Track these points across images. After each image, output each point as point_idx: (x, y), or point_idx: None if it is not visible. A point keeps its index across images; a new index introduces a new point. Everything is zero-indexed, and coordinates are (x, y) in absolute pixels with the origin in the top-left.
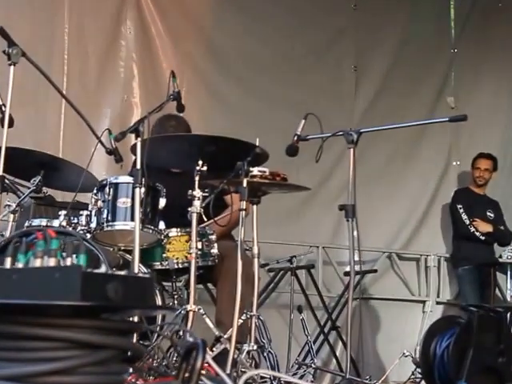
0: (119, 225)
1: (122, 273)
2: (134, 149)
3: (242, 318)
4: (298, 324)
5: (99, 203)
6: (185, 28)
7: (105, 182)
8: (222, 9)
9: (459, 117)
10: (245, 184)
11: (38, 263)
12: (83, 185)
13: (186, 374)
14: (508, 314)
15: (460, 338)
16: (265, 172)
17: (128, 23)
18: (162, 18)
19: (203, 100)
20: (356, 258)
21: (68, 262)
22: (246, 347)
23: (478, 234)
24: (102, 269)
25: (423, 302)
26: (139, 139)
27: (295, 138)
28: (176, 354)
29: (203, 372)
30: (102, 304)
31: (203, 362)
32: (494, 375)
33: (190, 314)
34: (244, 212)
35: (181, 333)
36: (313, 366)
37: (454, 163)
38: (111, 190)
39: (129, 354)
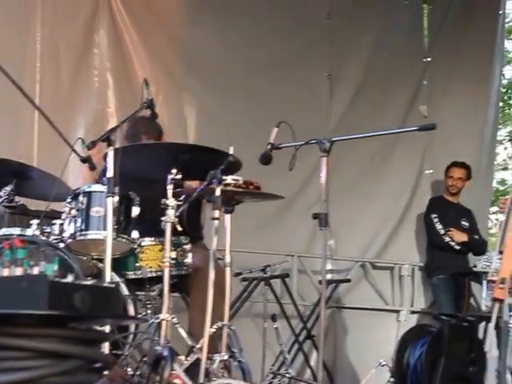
0: (92, 234)
1: (89, 282)
2: (106, 157)
3: (214, 327)
4: (273, 333)
5: (73, 212)
6: (159, 36)
7: (78, 191)
8: (196, 19)
9: (428, 126)
10: (218, 193)
11: (5, 272)
12: (57, 194)
13: None
14: (482, 323)
15: (432, 347)
16: (238, 180)
17: (101, 32)
18: (136, 27)
19: (179, 108)
20: (330, 267)
21: (35, 271)
22: (217, 357)
23: (453, 243)
24: (69, 278)
25: (397, 312)
26: (111, 148)
27: (268, 147)
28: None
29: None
30: (69, 313)
31: (171, 372)
32: None
33: (163, 323)
34: (217, 221)
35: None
36: (287, 375)
37: (427, 172)
38: (85, 198)
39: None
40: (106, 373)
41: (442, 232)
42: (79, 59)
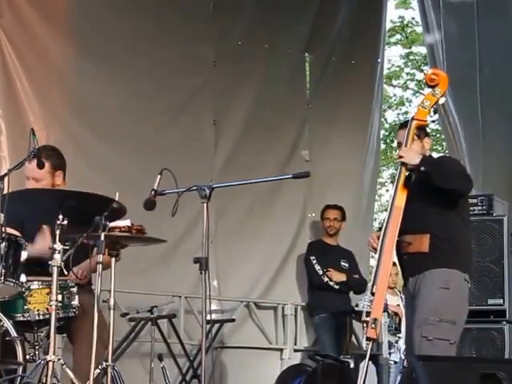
0: None
1: None
2: None
3: (99, 368)
4: (160, 373)
5: None
6: (50, 85)
7: None
8: (84, 69)
9: (302, 173)
10: (102, 237)
11: None
12: None
13: None
14: (360, 361)
15: None
16: (121, 226)
17: None
18: (27, 75)
19: (70, 154)
20: (216, 307)
21: None
22: None
23: (331, 283)
24: None
25: (281, 350)
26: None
27: (152, 193)
28: None
29: None
30: None
31: None
32: None
33: (50, 364)
34: (101, 265)
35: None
36: None
37: (310, 215)
38: None
39: None
40: None
41: (321, 272)
42: None
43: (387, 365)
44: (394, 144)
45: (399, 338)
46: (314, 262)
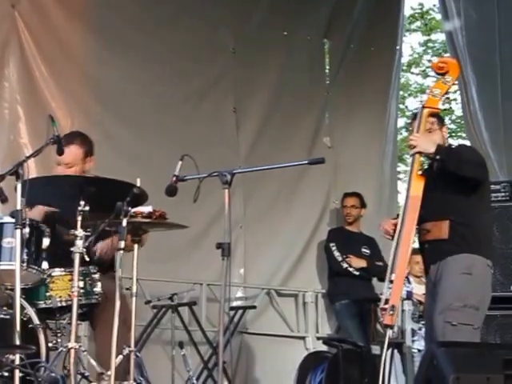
0: (4, 264)
1: None
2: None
3: (122, 354)
4: (182, 360)
5: None
6: (69, 70)
7: None
8: (104, 56)
9: (318, 159)
10: (124, 223)
11: None
12: None
13: None
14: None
15: (330, 372)
16: (143, 212)
17: (11, 66)
18: (45, 61)
19: (94, 141)
20: (240, 295)
21: None
22: None
23: (351, 269)
24: None
25: (303, 338)
26: (19, 181)
27: (174, 179)
28: None
29: None
30: None
31: None
32: None
33: (72, 351)
34: (122, 252)
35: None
36: None
37: (333, 202)
38: None
39: None
40: None
41: (340, 259)
42: None
43: (410, 353)
44: None
45: (423, 325)
46: (334, 248)
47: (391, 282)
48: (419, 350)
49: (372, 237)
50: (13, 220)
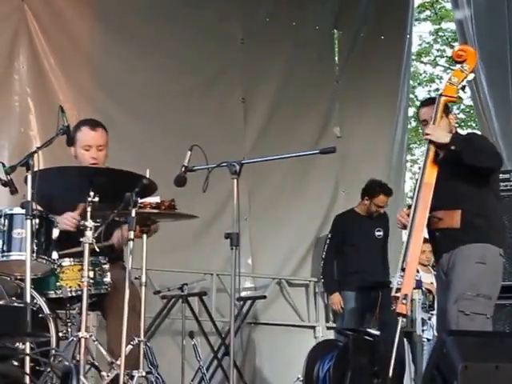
0: (14, 255)
1: None
2: (26, 181)
3: (131, 344)
4: (192, 350)
5: None
6: (77, 62)
7: (0, 213)
8: (112, 44)
9: (329, 149)
10: (133, 214)
11: None
12: None
13: None
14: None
15: (339, 360)
16: (151, 203)
17: (21, 58)
18: (54, 53)
19: None
20: (250, 285)
21: None
22: (136, 373)
23: None
24: None
25: (313, 328)
26: (30, 172)
27: (183, 169)
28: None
29: None
30: None
31: None
32: None
33: (82, 340)
34: (132, 242)
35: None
36: None
37: (341, 192)
38: (6, 220)
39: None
40: None
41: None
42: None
43: (420, 343)
44: None
45: (432, 314)
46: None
47: (403, 270)
48: (428, 340)
49: (383, 213)
50: (23, 211)
